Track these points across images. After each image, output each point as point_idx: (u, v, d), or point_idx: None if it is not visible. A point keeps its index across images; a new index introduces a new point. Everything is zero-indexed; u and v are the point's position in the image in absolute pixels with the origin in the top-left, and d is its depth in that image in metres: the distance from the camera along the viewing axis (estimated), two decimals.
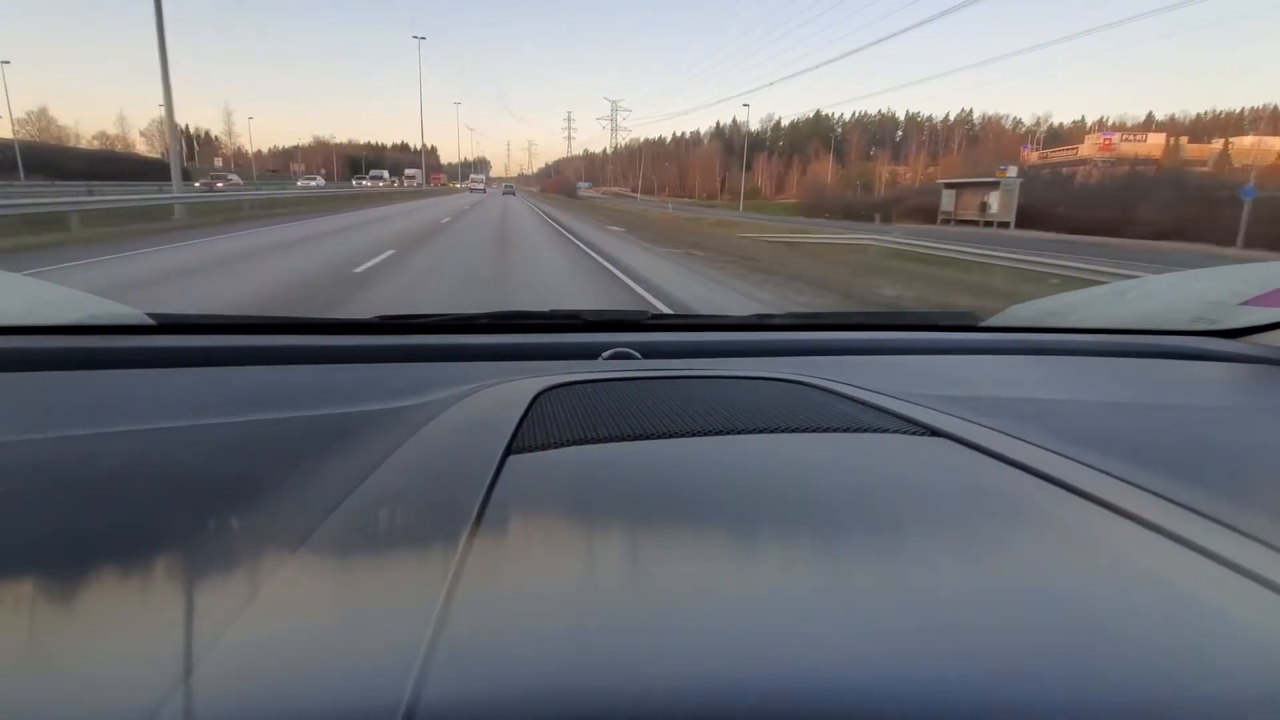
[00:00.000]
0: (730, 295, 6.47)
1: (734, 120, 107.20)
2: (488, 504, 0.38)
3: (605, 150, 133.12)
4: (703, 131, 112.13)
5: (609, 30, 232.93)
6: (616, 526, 0.39)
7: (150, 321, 0.81)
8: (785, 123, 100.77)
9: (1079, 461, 0.47)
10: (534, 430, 0.50)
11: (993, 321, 1.04)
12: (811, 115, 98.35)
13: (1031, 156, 68.61)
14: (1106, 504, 0.40)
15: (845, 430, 0.52)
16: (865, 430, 0.52)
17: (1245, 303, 0.94)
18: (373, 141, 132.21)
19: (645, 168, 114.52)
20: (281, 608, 0.30)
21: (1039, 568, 0.35)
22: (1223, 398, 0.77)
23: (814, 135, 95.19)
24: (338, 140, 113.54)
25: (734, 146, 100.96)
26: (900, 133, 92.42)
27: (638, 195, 72.17)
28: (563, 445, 0.48)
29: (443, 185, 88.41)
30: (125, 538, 0.38)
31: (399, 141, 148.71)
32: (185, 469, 0.48)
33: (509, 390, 0.61)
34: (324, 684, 0.24)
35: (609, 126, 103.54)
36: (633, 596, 0.31)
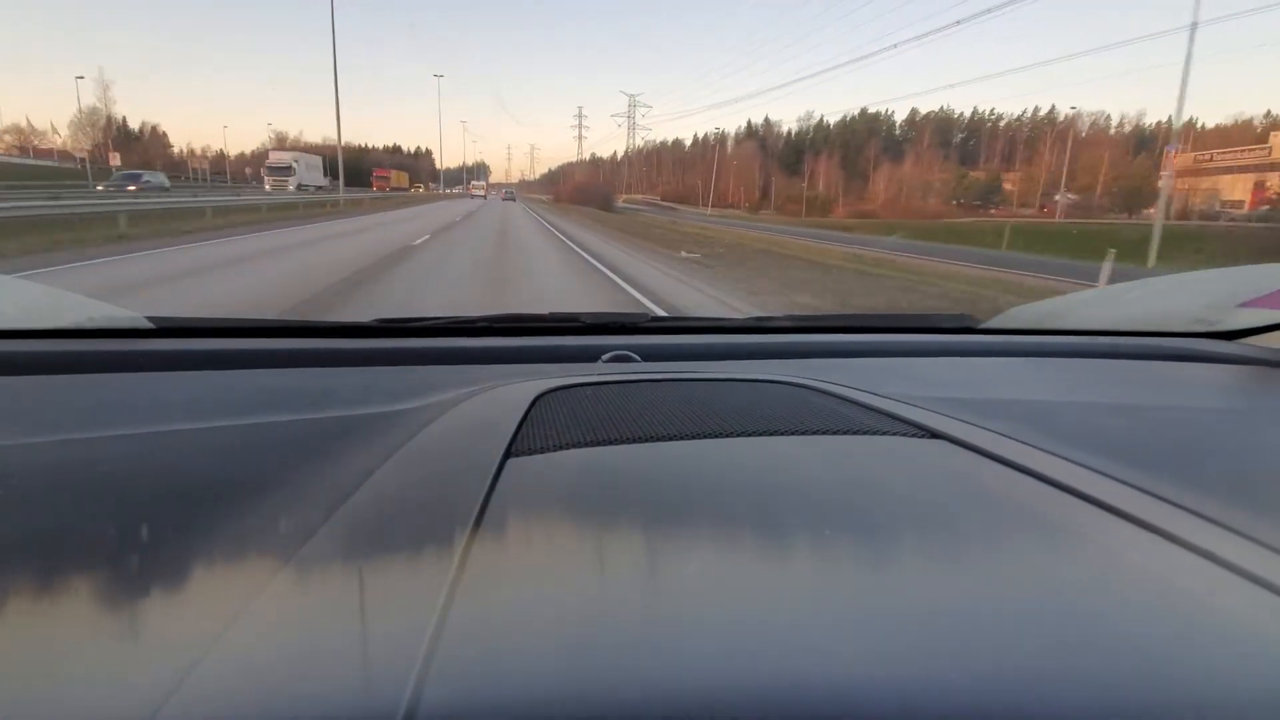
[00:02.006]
0: None
1: (766, 119, 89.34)
2: (487, 507, 0.39)
3: (616, 154, 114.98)
4: (729, 131, 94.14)
5: (620, 20, 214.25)
6: (616, 530, 0.40)
7: (149, 325, 0.85)
8: (829, 121, 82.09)
9: (1078, 463, 0.48)
10: (534, 433, 0.51)
11: (992, 324, 1.09)
12: (858, 113, 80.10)
13: (1184, 159, 48.89)
14: (1105, 505, 0.41)
15: (845, 433, 0.53)
16: (865, 433, 0.53)
17: (1244, 304, 0.97)
18: (364, 144, 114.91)
19: (667, 173, 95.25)
20: (281, 610, 0.31)
21: (1038, 570, 0.36)
22: (1221, 399, 0.79)
23: (872, 135, 75.38)
24: (308, 139, 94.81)
25: (767, 147, 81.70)
26: (962, 133, 74.04)
27: (708, 209, 53.33)
28: (562, 448, 0.48)
29: (395, 190, 65.82)
30: (124, 541, 0.39)
31: (390, 144, 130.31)
32: (185, 472, 0.49)
33: (508, 393, 0.62)
34: (323, 686, 0.25)
35: (625, 124, 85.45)
36: (632, 600, 0.32)
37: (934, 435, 0.53)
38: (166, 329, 0.86)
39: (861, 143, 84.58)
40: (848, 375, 0.71)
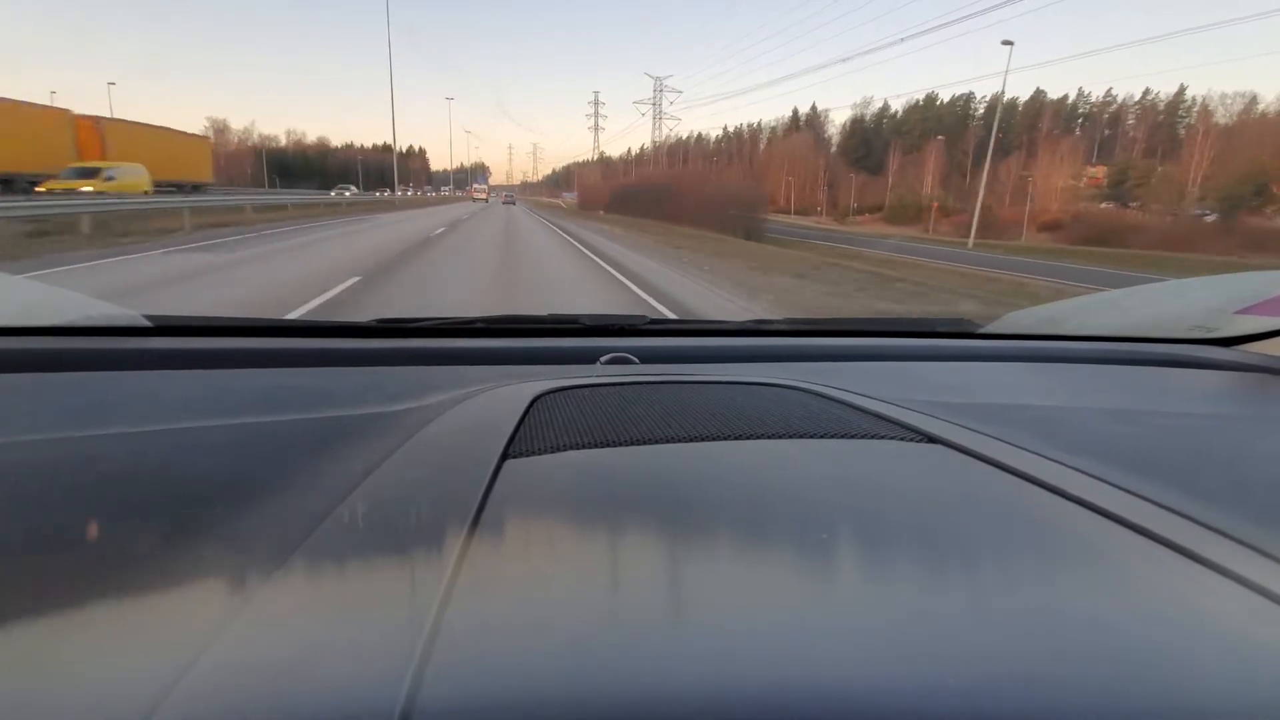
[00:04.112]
0: None
1: (813, 107, 69.97)
2: (484, 508, 0.40)
3: (631, 150, 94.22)
4: (767, 122, 75.26)
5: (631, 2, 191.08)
6: (613, 531, 0.41)
7: (147, 323, 0.90)
8: (895, 106, 65.07)
9: (1076, 469, 0.50)
10: (531, 435, 0.53)
11: (991, 328, 1.15)
12: (922, 99, 64.44)
13: None
14: (1103, 512, 0.43)
15: (842, 436, 0.55)
16: (863, 436, 0.55)
17: (1241, 311, 1.02)
18: (352, 143, 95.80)
19: (693, 174, 73.63)
20: (277, 610, 0.32)
21: (1036, 576, 0.37)
22: (1219, 406, 0.83)
23: (966, 122, 71.45)
24: (266, 132, 74.06)
25: (823, 139, 61.99)
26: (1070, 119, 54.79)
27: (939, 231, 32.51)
28: (560, 450, 0.50)
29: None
30: (121, 539, 0.40)
31: (380, 142, 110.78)
32: (181, 471, 0.51)
33: (506, 394, 0.64)
34: (319, 687, 0.25)
35: (637, 118, 65.01)
36: (628, 602, 0.33)
37: (932, 440, 0.55)
38: (165, 327, 0.90)
39: (950, 132, 64.21)
40: (846, 379, 0.74)
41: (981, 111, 74.11)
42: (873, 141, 76.43)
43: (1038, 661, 0.28)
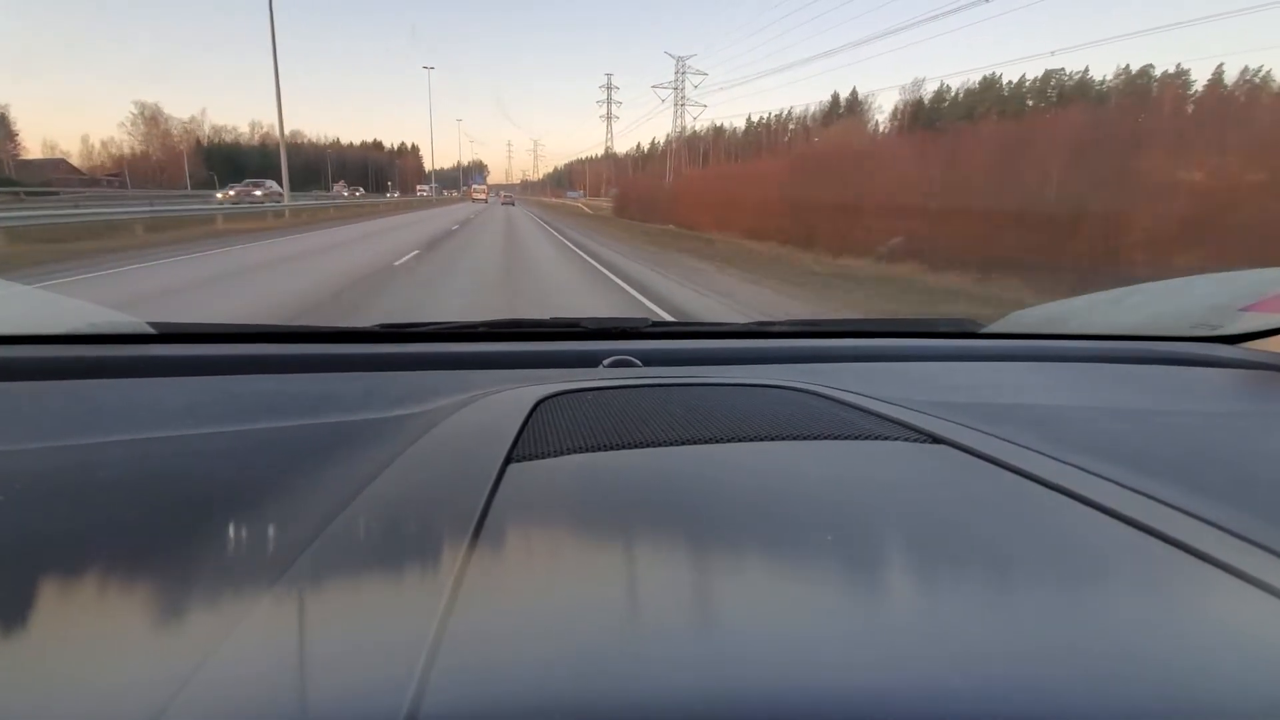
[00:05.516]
0: None
1: (854, 91, 60.30)
2: (488, 512, 0.41)
3: (641, 145, 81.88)
4: (797, 110, 65.33)
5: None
6: (617, 535, 0.42)
7: (150, 330, 0.93)
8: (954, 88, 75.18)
9: (1080, 468, 0.51)
10: (534, 438, 0.54)
11: (994, 328, 1.18)
12: (990, 79, 72.00)
13: None
14: (1108, 510, 0.43)
15: (847, 438, 0.56)
16: (867, 438, 0.57)
17: (1245, 308, 1.05)
18: (339, 139, 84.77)
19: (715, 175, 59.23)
20: (281, 616, 0.33)
21: (1043, 575, 0.38)
22: (1224, 403, 0.85)
23: (1049, 105, 65.52)
24: (219, 121, 62.58)
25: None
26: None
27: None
28: (563, 454, 0.51)
29: None
30: (125, 546, 0.41)
31: (370, 139, 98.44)
32: (186, 477, 0.52)
33: (509, 398, 0.66)
34: (322, 694, 0.26)
35: (669, 99, 52.24)
36: (634, 606, 0.34)
37: (936, 440, 0.56)
38: (168, 334, 0.93)
39: (1036, 115, 52.05)
40: (850, 380, 0.77)
41: (1068, 89, 62.52)
42: (938, 128, 65.03)
43: (1046, 661, 0.29)
